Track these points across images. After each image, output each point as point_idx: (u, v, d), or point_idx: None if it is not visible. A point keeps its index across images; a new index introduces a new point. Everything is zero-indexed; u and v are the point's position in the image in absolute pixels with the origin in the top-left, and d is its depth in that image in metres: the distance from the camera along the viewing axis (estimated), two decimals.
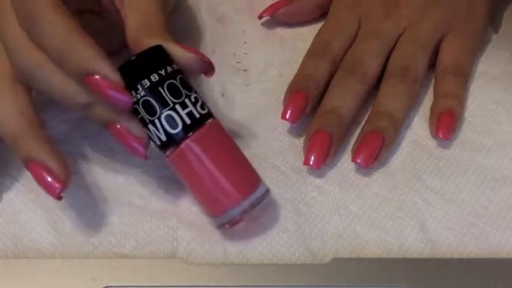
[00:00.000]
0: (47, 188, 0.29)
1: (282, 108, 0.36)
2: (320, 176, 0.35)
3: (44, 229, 0.32)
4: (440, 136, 0.36)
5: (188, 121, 0.29)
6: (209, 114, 0.30)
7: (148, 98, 0.29)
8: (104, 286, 0.29)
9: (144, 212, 0.33)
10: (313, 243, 0.32)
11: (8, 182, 0.34)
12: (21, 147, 0.29)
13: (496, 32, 0.43)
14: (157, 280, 0.29)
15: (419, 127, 0.37)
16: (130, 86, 0.28)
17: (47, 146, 0.29)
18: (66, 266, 0.30)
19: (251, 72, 0.41)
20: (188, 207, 0.33)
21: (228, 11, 0.45)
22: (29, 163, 0.29)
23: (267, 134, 0.37)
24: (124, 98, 0.27)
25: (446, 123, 0.36)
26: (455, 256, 0.31)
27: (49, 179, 0.29)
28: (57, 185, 0.29)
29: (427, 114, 0.37)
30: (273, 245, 0.32)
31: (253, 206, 0.30)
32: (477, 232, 0.32)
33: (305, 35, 0.43)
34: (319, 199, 0.34)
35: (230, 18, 0.45)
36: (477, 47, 0.41)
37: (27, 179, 0.34)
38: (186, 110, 0.29)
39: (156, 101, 0.29)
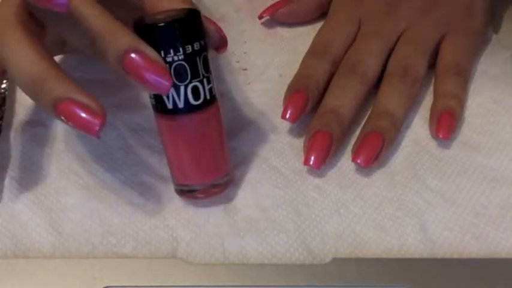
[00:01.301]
0: (85, 126, 0.27)
1: (282, 108, 0.36)
2: (320, 176, 0.35)
3: (44, 229, 0.32)
4: (440, 136, 0.36)
5: (208, 96, 0.30)
6: (216, 94, 0.31)
7: (184, 64, 0.28)
8: (104, 286, 0.29)
9: (144, 212, 0.33)
10: (313, 243, 0.32)
11: (8, 182, 0.34)
12: (48, 90, 0.27)
13: (496, 32, 0.43)
14: (157, 280, 0.29)
15: (419, 127, 0.37)
16: (170, 44, 0.28)
17: (74, 84, 0.27)
18: (66, 266, 0.30)
19: (251, 71, 0.41)
20: (188, 207, 0.33)
21: (228, 11, 0.45)
22: (61, 104, 0.27)
23: (266, 134, 0.37)
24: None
25: (446, 123, 0.36)
26: (455, 256, 0.31)
27: (86, 116, 0.27)
28: (96, 120, 0.27)
29: (427, 114, 0.38)
30: (273, 245, 0.32)
31: (213, 186, 0.32)
32: (477, 232, 0.32)
33: (305, 35, 0.43)
34: (319, 199, 0.34)
35: (230, 17, 0.45)
36: (477, 47, 0.41)
37: (27, 179, 0.34)
38: (209, 86, 0.30)
39: (190, 69, 0.29)
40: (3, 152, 0.35)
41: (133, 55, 0.26)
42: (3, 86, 0.38)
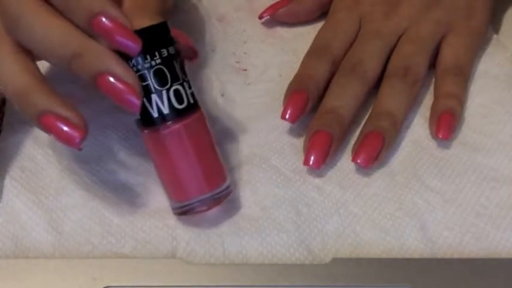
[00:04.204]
0: (66, 139, 0.28)
1: (282, 108, 0.36)
2: (320, 176, 0.35)
3: (44, 229, 0.32)
4: (440, 136, 0.36)
5: (192, 100, 0.30)
6: (197, 101, 0.31)
7: (163, 68, 0.28)
8: (104, 286, 0.29)
9: (144, 211, 0.33)
10: (313, 243, 0.32)
11: (8, 182, 0.34)
12: (31, 102, 0.28)
13: (496, 32, 0.43)
14: (157, 280, 0.29)
15: (419, 127, 0.37)
16: (146, 50, 0.28)
17: (57, 97, 0.28)
18: (66, 266, 0.30)
19: (251, 72, 0.41)
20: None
21: (228, 11, 0.45)
22: (43, 117, 0.28)
23: (267, 134, 0.37)
24: (132, 45, 0.27)
25: (446, 124, 0.36)
26: (455, 256, 0.31)
27: (67, 129, 0.28)
28: (76, 133, 0.28)
29: (427, 114, 0.38)
30: (273, 245, 0.32)
31: (215, 200, 0.31)
32: (477, 232, 0.32)
33: (305, 35, 0.43)
34: (319, 199, 0.34)
35: (230, 17, 0.45)
36: (477, 47, 0.41)
37: (27, 179, 0.34)
38: (190, 90, 0.30)
39: (169, 72, 0.29)
40: (3, 152, 0.35)
41: (108, 76, 0.27)
42: None
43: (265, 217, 0.33)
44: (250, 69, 0.41)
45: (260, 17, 0.44)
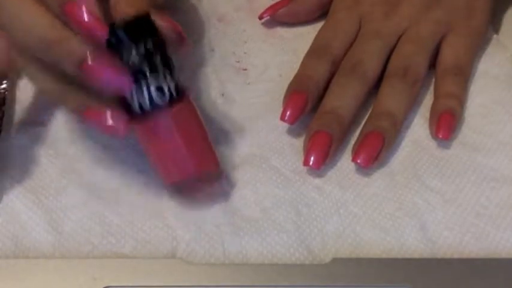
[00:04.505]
0: (110, 129, 0.29)
1: (281, 108, 0.36)
2: (320, 176, 0.35)
3: (44, 229, 0.32)
4: (440, 136, 0.36)
5: (175, 93, 0.30)
6: (185, 89, 0.31)
7: (140, 64, 0.28)
8: (104, 286, 0.29)
9: (144, 211, 0.33)
10: (313, 243, 0.32)
11: (7, 182, 0.34)
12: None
13: (496, 32, 0.43)
14: (157, 280, 0.29)
15: (419, 127, 0.37)
16: (123, 47, 0.28)
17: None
18: (66, 266, 0.30)
19: (251, 71, 0.41)
20: (188, 207, 0.33)
21: (228, 10, 0.45)
22: (85, 112, 0.29)
23: (267, 134, 0.37)
24: (99, 33, 0.27)
25: (446, 124, 0.36)
26: (455, 256, 0.31)
27: (111, 122, 0.28)
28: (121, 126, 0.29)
29: (427, 114, 0.38)
30: (273, 245, 0.32)
31: (208, 180, 0.32)
32: (477, 232, 0.32)
33: (305, 35, 0.43)
34: (319, 199, 0.34)
35: (230, 17, 0.45)
36: (477, 47, 0.41)
37: (27, 179, 0.34)
38: (173, 83, 0.30)
39: (148, 67, 0.29)
40: (3, 152, 0.35)
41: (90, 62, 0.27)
42: (3, 86, 0.38)
43: (265, 217, 0.33)
44: (250, 69, 0.41)
45: (260, 18, 0.44)
